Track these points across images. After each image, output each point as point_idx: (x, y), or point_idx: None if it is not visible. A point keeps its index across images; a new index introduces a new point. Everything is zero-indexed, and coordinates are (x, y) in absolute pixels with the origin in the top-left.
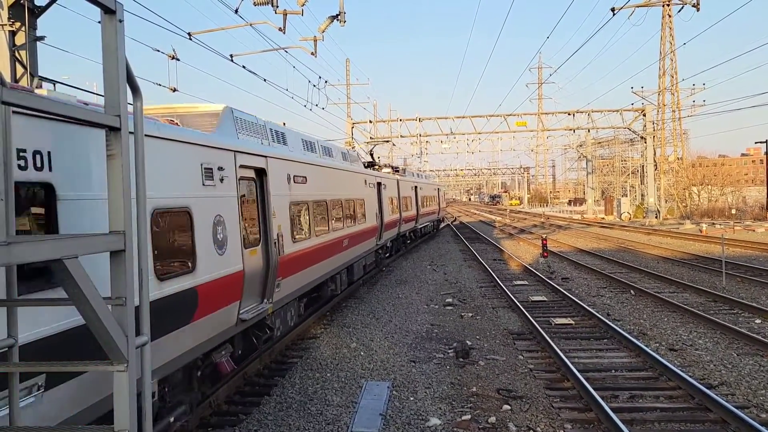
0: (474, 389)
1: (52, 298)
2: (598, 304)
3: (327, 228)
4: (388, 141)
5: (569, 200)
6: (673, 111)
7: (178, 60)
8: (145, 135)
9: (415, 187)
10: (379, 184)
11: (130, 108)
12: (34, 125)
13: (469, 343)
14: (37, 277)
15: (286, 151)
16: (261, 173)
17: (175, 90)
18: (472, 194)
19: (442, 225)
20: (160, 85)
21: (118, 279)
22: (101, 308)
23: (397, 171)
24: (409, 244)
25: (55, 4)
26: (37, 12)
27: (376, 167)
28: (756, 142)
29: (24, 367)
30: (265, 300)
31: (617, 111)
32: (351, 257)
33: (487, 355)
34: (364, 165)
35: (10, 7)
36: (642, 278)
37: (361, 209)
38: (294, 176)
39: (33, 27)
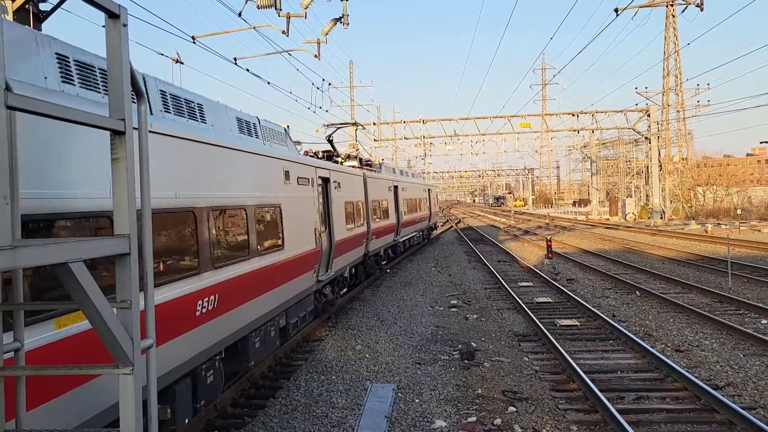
0: (479, 391)
1: (58, 302)
2: (603, 305)
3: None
4: (354, 124)
5: (574, 201)
6: (678, 111)
7: (182, 63)
8: None
9: (395, 187)
10: (325, 180)
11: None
12: None
13: (474, 344)
14: None
15: None
16: None
17: None
18: (476, 196)
19: (440, 231)
20: None
21: (123, 282)
22: (106, 312)
23: (369, 165)
24: (386, 265)
25: (59, 9)
26: (41, 17)
27: (338, 159)
28: (761, 142)
29: (30, 371)
30: None
31: (621, 112)
32: (233, 329)
33: (492, 357)
34: (319, 156)
35: (15, 12)
36: (647, 279)
37: (275, 226)
38: None
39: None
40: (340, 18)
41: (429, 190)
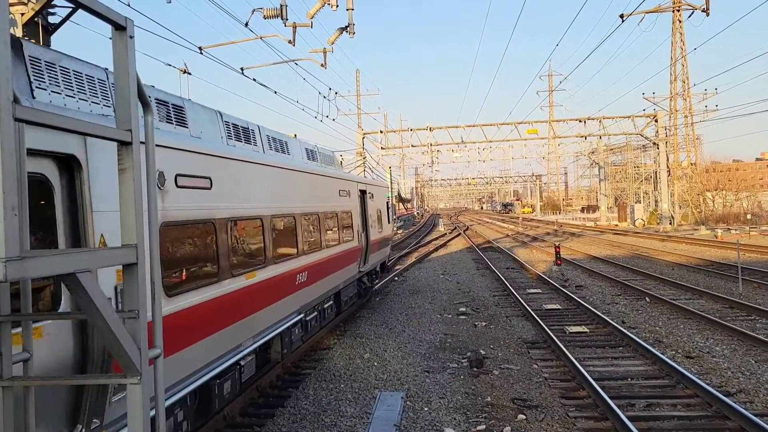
0: (488, 399)
1: (66, 312)
2: (612, 311)
3: None
4: None
5: (582, 207)
6: (686, 116)
7: (189, 74)
8: None
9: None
10: None
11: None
12: None
13: (482, 352)
14: None
15: None
16: None
17: None
18: (484, 203)
19: (448, 238)
20: None
21: (130, 292)
22: (114, 321)
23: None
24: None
25: (68, 22)
26: (50, 29)
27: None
28: None
29: (39, 381)
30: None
31: (629, 117)
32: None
33: (501, 365)
34: None
35: (24, 25)
36: (657, 285)
37: None
38: None
39: (47, 44)
40: (346, 27)
41: (364, 193)
